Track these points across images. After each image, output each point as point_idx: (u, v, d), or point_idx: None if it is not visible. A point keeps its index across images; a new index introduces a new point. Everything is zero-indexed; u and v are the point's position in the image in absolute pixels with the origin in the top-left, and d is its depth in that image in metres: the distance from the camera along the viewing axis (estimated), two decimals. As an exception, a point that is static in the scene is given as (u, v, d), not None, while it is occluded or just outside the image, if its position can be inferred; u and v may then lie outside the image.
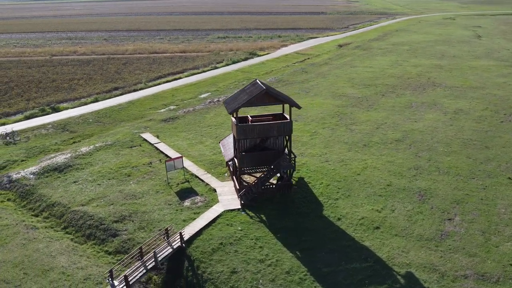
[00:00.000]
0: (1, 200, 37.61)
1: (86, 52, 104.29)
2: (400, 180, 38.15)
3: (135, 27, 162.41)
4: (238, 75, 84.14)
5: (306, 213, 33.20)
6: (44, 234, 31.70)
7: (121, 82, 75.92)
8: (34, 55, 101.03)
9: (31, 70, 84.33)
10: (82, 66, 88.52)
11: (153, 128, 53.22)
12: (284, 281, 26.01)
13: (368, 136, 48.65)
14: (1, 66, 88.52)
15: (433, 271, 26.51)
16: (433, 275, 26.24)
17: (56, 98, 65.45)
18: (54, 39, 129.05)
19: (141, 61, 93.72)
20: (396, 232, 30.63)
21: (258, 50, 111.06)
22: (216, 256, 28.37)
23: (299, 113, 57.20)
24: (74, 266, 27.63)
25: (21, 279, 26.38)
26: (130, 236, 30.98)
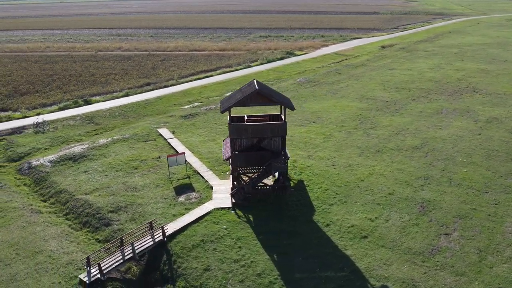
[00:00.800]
0: (18, 184, 40.48)
1: (129, 48, 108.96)
2: (405, 189, 36.35)
3: (182, 25, 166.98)
4: (270, 74, 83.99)
5: (296, 217, 32.61)
6: (45, 218, 33.72)
7: (154, 78, 78.51)
8: (82, 50, 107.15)
9: (75, 64, 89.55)
10: (122, 62, 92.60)
11: (172, 123, 54.63)
12: (253, 283, 25.78)
13: (384, 142, 46.75)
14: (50, 60, 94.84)
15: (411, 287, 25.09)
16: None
17: (90, 91, 69.06)
18: (104, 36, 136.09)
19: (178, 58, 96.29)
20: (384, 243, 29.26)
21: (297, 49, 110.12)
22: (194, 253, 28.70)
23: (319, 115, 56.24)
24: (61, 250, 29.15)
25: (12, 259, 28.28)
26: (121, 226, 32.13)
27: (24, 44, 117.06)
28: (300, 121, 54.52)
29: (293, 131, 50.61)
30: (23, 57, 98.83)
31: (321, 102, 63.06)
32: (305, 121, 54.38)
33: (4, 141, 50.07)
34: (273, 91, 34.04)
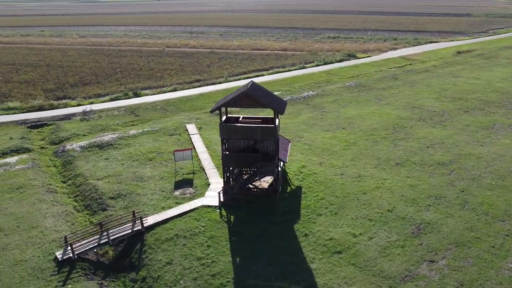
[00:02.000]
0: (49, 165, 44.93)
1: (195, 46, 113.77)
2: (407, 207, 33.57)
3: (255, 24, 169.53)
4: (321, 76, 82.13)
5: (277, 223, 31.92)
6: (55, 198, 37.11)
7: (206, 75, 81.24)
8: (153, 46, 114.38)
9: (140, 59, 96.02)
10: (182, 58, 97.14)
11: (203, 120, 56.30)
12: (204, 283, 25.92)
13: (409, 155, 43.45)
14: (120, 54, 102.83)
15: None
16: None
17: (143, 85, 73.73)
18: (178, 33, 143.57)
19: (236, 57, 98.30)
20: (356, 261, 27.45)
21: (361, 52, 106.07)
22: (165, 245, 29.59)
23: (352, 122, 53.93)
24: (54, 228, 31.93)
25: (12, 230, 31.68)
26: (114, 212, 34.20)
27: (105, 38, 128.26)
28: (329, 126, 52.78)
29: (317, 136, 49.25)
30: (99, 50, 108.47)
31: (361, 108, 60.28)
32: (335, 127, 52.51)
33: (53, 126, 55.80)
34: (265, 94, 33.34)
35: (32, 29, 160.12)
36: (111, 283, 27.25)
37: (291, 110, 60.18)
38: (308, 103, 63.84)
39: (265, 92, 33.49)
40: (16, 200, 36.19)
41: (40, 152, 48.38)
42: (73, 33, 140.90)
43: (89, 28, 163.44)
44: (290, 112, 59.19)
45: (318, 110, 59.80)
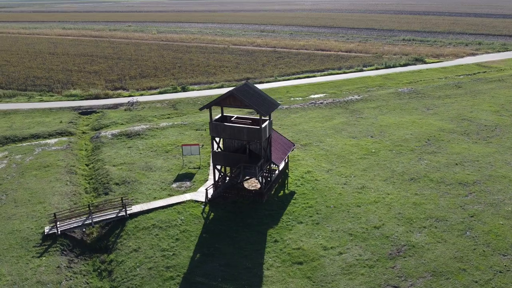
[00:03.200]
0: (82, 149, 49.30)
1: (260, 44, 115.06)
2: (398, 226, 31.01)
3: (330, 24, 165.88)
4: (376, 80, 78.09)
5: (252, 225, 31.61)
6: (71, 178, 40.74)
7: (258, 73, 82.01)
8: (220, 43, 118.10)
9: (202, 55, 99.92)
10: (242, 56, 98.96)
11: (234, 117, 57.16)
12: (157, 273, 26.75)
13: (431, 171, 39.84)
14: (185, 50, 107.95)
15: (293, 328, 22.22)
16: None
17: (194, 80, 76.86)
18: (250, 31, 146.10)
19: (296, 57, 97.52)
20: (312, 275, 26.19)
21: (433, 56, 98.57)
22: (140, 233, 31.03)
23: (385, 130, 50.87)
24: (56, 205, 35.17)
25: (23, 203, 35.52)
26: (112, 197, 36.60)
27: (179, 35, 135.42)
28: (358, 133, 50.31)
29: (339, 142, 47.34)
30: (169, 45, 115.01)
31: (402, 116, 56.41)
32: (363, 134, 49.92)
33: (100, 113, 60.95)
34: (251, 95, 32.75)
35: (122, 24, 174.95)
36: (82, 261, 29.41)
37: (327, 113, 58.44)
38: (347, 107, 61.36)
39: (254, 93, 33.17)
40: (39, 177, 40.51)
41: (80, 136, 53.28)
42: (153, 29, 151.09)
43: (171, 24, 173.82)
44: (324, 115, 57.57)
45: (354, 115, 57.24)
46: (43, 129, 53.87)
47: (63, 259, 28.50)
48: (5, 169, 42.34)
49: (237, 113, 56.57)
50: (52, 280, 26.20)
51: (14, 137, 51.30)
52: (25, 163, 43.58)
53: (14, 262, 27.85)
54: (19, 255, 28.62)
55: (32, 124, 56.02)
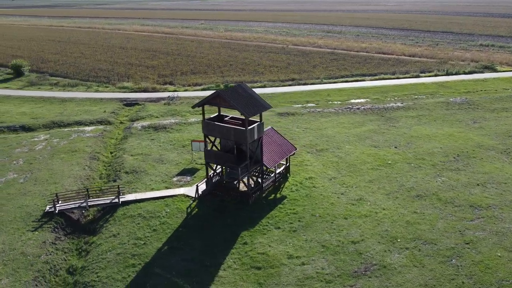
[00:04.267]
0: (112, 137, 53.01)
1: (320, 45, 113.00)
2: (378, 245, 29.20)
3: (403, 25, 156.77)
4: (429, 88, 72.80)
5: (230, 225, 31.87)
6: (91, 164, 44.16)
7: (305, 75, 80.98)
8: (279, 42, 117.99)
9: (257, 54, 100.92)
10: (296, 56, 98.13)
11: (264, 117, 57.23)
12: (123, 259, 28.25)
13: (444, 189, 36.68)
14: (243, 48, 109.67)
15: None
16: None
17: (239, 79, 78.19)
18: (315, 31, 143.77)
19: (352, 59, 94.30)
20: (265, 281, 25.88)
21: (509, 65, 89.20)
22: (124, 221, 32.88)
23: (413, 141, 47.70)
24: (66, 186, 38.43)
25: (41, 182, 39.36)
26: (117, 184, 39.07)
27: (244, 33, 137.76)
28: (383, 142, 47.71)
29: (357, 150, 45.39)
30: (229, 44, 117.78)
31: (440, 128, 52.25)
32: (387, 144, 47.24)
33: (141, 105, 64.94)
34: (238, 96, 32.66)
35: (195, 22, 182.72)
36: (69, 240, 32.01)
37: (359, 119, 56.12)
38: (384, 114, 58.28)
39: (244, 94, 33.18)
40: (64, 160, 44.59)
41: (117, 126, 57.36)
42: (221, 28, 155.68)
43: (241, 23, 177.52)
44: (355, 121, 55.38)
45: (387, 124, 54.25)
46: (87, 117, 58.93)
47: (51, 236, 31.32)
48: (41, 150, 47.25)
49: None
50: (33, 253, 29.00)
51: (60, 122, 56.87)
52: (58, 146, 48.21)
53: (11, 233, 31.26)
54: (17, 227, 32.03)
55: (79, 112, 61.53)
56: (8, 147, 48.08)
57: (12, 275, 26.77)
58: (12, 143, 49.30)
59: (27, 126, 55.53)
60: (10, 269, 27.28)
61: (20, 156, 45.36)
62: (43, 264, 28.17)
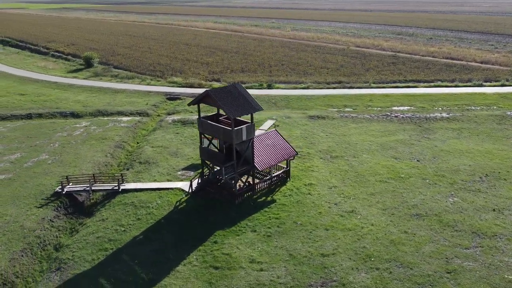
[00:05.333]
0: (144, 128, 56.15)
1: (384, 48, 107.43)
2: (348, 261, 27.78)
3: (487, 29, 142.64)
4: (488, 98, 65.90)
5: (209, 223, 32.42)
6: (114, 152, 47.36)
7: (354, 78, 78.02)
8: (343, 44, 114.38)
9: (313, 55, 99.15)
10: (353, 59, 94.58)
11: (292, 119, 56.75)
12: (99, 242, 30.22)
13: (450, 211, 33.54)
14: (302, 48, 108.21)
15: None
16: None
17: (284, 79, 77.76)
18: (386, 32, 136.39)
19: (412, 64, 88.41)
20: (216, 281, 26.06)
21: None
22: (117, 207, 35.01)
23: (440, 156, 44.20)
24: (83, 170, 41.76)
25: (65, 164, 43.20)
26: (121, 172, 41.55)
27: (308, 33, 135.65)
28: (407, 154, 44.66)
29: (373, 160, 43.15)
30: (291, 43, 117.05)
31: (479, 144, 47.47)
32: (411, 156, 44.15)
33: (181, 100, 67.81)
34: (227, 97, 32.66)
35: (266, 21, 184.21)
36: (67, 219, 34.93)
37: (391, 128, 53.01)
38: (422, 125, 54.30)
39: (234, 95, 33.23)
40: (92, 146, 48.43)
41: (153, 118, 60.69)
42: (288, 27, 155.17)
43: (311, 22, 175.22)
44: (386, 130, 52.42)
45: (421, 135, 50.53)
46: (130, 108, 63.17)
47: (51, 214, 34.49)
48: (77, 136, 51.83)
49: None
50: (30, 227, 32.24)
51: (104, 111, 61.72)
52: (93, 133, 52.49)
53: (21, 207, 35.02)
54: (28, 203, 35.76)
55: (125, 103, 66.14)
56: (52, 131, 53.51)
57: (5, 244, 30.11)
58: (57, 128, 54.74)
59: (76, 113, 61.16)
60: (6, 239, 30.70)
61: (58, 140, 50.26)
62: (34, 238, 31.26)
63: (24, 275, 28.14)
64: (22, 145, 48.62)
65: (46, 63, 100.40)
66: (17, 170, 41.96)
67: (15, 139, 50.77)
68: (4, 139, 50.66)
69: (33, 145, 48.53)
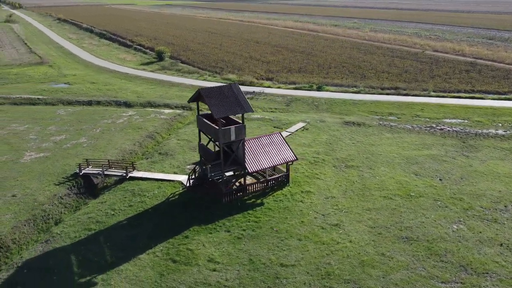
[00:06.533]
0: (181, 122, 58.82)
1: (465, 53, 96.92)
2: (305, 275, 26.90)
3: None
4: None
5: (191, 219, 33.37)
6: (143, 141, 50.47)
7: (414, 85, 72.36)
8: (418, 47, 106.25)
9: (380, 58, 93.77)
10: (422, 64, 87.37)
11: (325, 123, 55.11)
12: (88, 222, 32.98)
13: (446, 240, 30.44)
14: (370, 51, 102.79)
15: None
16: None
17: (339, 81, 75.05)
18: (475, 37, 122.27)
19: (489, 73, 78.91)
20: (168, 274, 26.90)
21: None
22: (118, 192, 37.69)
23: (469, 177, 40.26)
24: (108, 156, 45.38)
25: (97, 149, 47.43)
26: (146, 161, 44.28)
27: (387, 34, 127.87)
28: (432, 171, 41.01)
29: (389, 174, 40.50)
30: (362, 44, 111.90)
31: (499, 165, 41.70)
32: (434, 174, 40.46)
33: (228, 97, 69.49)
34: (216, 96, 32.93)
35: (349, 21, 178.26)
36: (77, 198, 38.44)
37: (429, 142, 48.77)
38: (466, 140, 48.99)
39: (226, 95, 33.44)
40: (126, 134, 52.31)
41: (194, 112, 63.25)
42: (368, 27, 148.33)
43: (397, 23, 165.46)
44: (421, 143, 48.39)
45: (459, 152, 45.76)
46: (176, 101, 66.69)
47: (63, 192, 38.36)
48: (119, 124, 56.35)
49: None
50: (41, 201, 36.31)
51: (153, 103, 66.04)
52: (133, 122, 56.64)
53: (42, 183, 39.53)
54: (50, 180, 40.19)
55: (175, 96, 69.92)
56: (100, 117, 58.93)
57: (14, 213, 34.40)
58: (106, 115, 60.12)
59: (129, 102, 66.40)
60: (17, 209, 35.06)
61: (101, 126, 55.27)
62: (41, 211, 35.20)
63: (21, 242, 31.97)
64: (70, 128, 54.46)
65: (126, 55, 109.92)
66: (56, 150, 47.27)
67: (68, 122, 57.03)
68: (59, 122, 57.19)
69: (79, 129, 54.09)
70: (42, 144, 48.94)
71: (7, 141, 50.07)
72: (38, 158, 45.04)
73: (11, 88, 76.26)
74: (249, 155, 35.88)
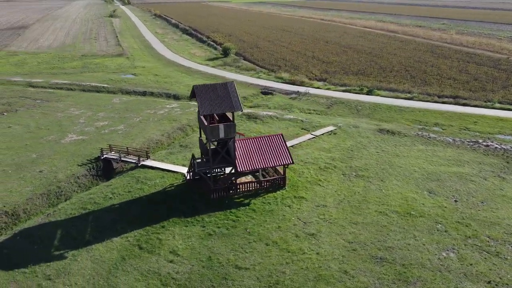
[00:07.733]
0: (218, 117, 60.37)
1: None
2: (254, 281, 26.61)
3: None
4: None
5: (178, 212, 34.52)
6: (173, 133, 52.97)
7: (478, 94, 64.65)
8: (506, 53, 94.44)
9: (452, 63, 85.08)
10: (499, 72, 76.74)
11: (359, 129, 52.47)
12: (88, 202, 35.89)
13: (426, 267, 27.72)
14: (445, 54, 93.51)
15: None
16: None
17: (394, 86, 70.26)
18: None
19: None
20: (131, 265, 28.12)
21: None
22: (126, 178, 40.32)
23: (492, 201, 36.18)
24: (134, 144, 48.59)
25: (128, 136, 51.14)
26: (164, 153, 46.64)
27: (471, 37, 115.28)
28: (452, 191, 37.22)
29: (399, 189, 37.73)
30: (438, 47, 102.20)
31: None
32: (454, 194, 36.40)
33: (272, 95, 69.38)
34: (209, 95, 33.22)
35: (436, 21, 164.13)
36: (93, 179, 41.90)
37: (465, 158, 44.05)
38: (510, 160, 43.00)
39: (219, 93, 33.68)
40: (161, 125, 55.27)
41: (234, 108, 64.49)
42: (454, 29, 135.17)
43: (491, 25, 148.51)
44: (454, 159, 44.00)
45: (494, 172, 40.65)
46: (221, 96, 68.53)
47: (82, 172, 42.16)
48: (159, 114, 59.78)
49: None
50: (59, 178, 40.39)
51: (199, 97, 68.69)
52: (172, 114, 59.67)
53: (68, 163, 43.85)
54: (76, 161, 44.44)
55: (222, 91, 71.81)
56: (146, 107, 63.10)
57: (34, 187, 38.81)
58: (151, 105, 64.19)
59: (177, 95, 70.01)
60: (38, 183, 39.50)
61: (142, 116, 59.24)
62: (56, 187, 39.24)
63: (31, 213, 36.11)
64: (116, 116, 59.29)
65: (197, 51, 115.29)
66: (94, 134, 51.97)
67: (117, 110, 62.11)
68: (110, 109, 62.53)
69: (122, 117, 58.65)
70: (85, 128, 54.19)
71: (60, 123, 56.30)
72: (76, 140, 50.00)
73: (87, 76, 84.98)
74: (241, 154, 35.96)
